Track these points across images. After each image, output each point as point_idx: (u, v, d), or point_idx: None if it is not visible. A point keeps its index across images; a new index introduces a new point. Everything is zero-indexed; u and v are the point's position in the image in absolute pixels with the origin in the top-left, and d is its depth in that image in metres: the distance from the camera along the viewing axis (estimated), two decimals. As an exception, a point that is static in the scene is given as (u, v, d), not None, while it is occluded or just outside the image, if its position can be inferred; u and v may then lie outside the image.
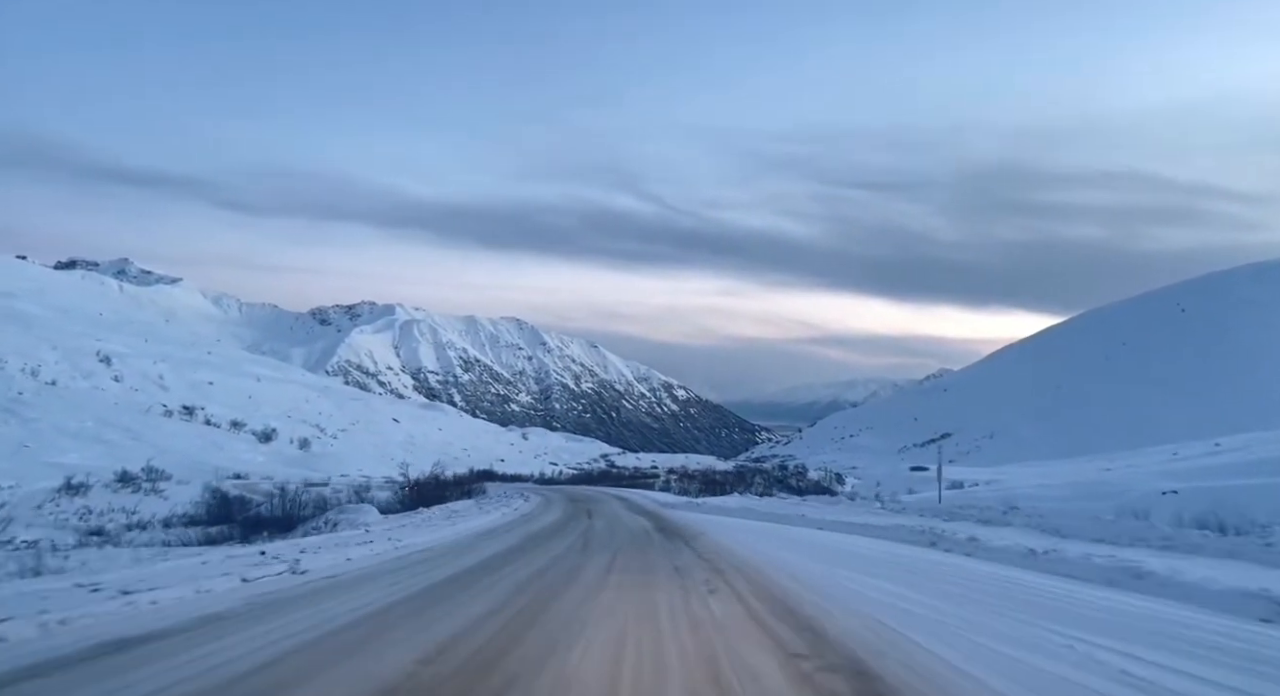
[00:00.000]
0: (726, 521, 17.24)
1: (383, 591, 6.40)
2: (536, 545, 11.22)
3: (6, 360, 40.09)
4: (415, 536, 11.50)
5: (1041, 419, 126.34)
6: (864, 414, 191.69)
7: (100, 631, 4.42)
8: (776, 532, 14.01)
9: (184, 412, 45.71)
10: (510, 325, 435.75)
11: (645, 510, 21.43)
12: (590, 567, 8.43)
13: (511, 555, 9.75)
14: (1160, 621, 5.18)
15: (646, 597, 6.36)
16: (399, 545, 10.15)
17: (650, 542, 11.96)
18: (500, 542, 11.46)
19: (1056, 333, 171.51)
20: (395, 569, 8.03)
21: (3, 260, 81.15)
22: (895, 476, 61.11)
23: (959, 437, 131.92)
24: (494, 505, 21.20)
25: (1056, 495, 17.96)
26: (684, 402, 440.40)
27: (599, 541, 11.91)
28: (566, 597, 6.35)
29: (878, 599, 6.21)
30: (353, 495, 22.09)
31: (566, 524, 15.81)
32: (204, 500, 20.81)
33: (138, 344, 57.04)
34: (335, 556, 8.38)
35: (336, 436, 55.94)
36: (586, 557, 9.42)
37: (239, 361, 69.77)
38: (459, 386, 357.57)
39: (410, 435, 67.59)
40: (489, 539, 12.15)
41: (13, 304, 52.10)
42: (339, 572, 7.51)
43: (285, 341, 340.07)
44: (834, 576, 7.86)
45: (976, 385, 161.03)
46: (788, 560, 9.20)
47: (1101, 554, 7.75)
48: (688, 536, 12.99)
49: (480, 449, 76.70)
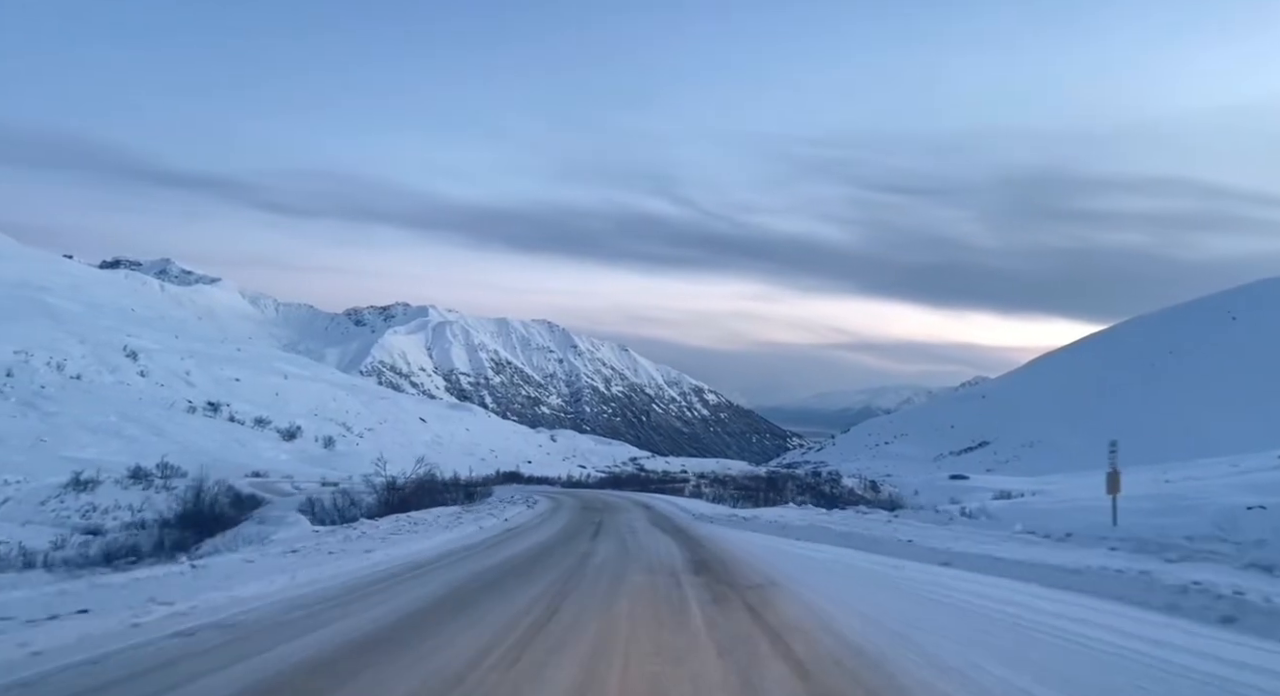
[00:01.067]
0: (798, 551, 11.79)
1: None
2: (469, 604, 6.53)
3: (32, 353, 39.97)
4: (303, 571, 7.68)
5: (1083, 428, 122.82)
6: (898, 421, 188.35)
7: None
8: (905, 581, 8.35)
9: (209, 409, 45.32)
10: (541, 327, 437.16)
11: (673, 525, 17.06)
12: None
13: (397, 633, 5.36)
14: None
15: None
16: (231, 597, 6.25)
17: (682, 601, 6.88)
18: (412, 593, 6.98)
19: (1098, 340, 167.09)
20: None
21: (42, 257, 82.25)
22: (933, 485, 58.70)
23: (997, 446, 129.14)
24: (485, 513, 17.98)
25: (1138, 508, 16.30)
26: (714, 407, 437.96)
27: (586, 594, 7.11)
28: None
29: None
30: (341, 496, 21.00)
31: (556, 549, 11.55)
32: (186, 498, 19.70)
33: (168, 340, 57.04)
34: (120, 620, 5.21)
35: (362, 435, 55.37)
36: (541, 655, 4.77)
37: (268, 358, 69.72)
38: (490, 388, 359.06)
39: (437, 435, 66.94)
40: (410, 580, 7.82)
41: (44, 298, 52.37)
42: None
43: (320, 341, 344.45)
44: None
45: (1015, 393, 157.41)
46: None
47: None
48: (746, 584, 7.90)
49: (508, 450, 75.91)
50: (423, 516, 15.67)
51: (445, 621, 5.74)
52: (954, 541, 10.89)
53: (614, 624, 5.79)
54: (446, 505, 20.96)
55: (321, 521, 15.33)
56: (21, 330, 43.22)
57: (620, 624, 5.79)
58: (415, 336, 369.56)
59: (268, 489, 27.49)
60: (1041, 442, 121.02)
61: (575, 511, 20.53)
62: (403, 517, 14.93)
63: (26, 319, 46.07)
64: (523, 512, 19.25)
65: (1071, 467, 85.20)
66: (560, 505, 23.23)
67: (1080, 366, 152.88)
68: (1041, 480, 62.83)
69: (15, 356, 38.83)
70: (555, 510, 20.78)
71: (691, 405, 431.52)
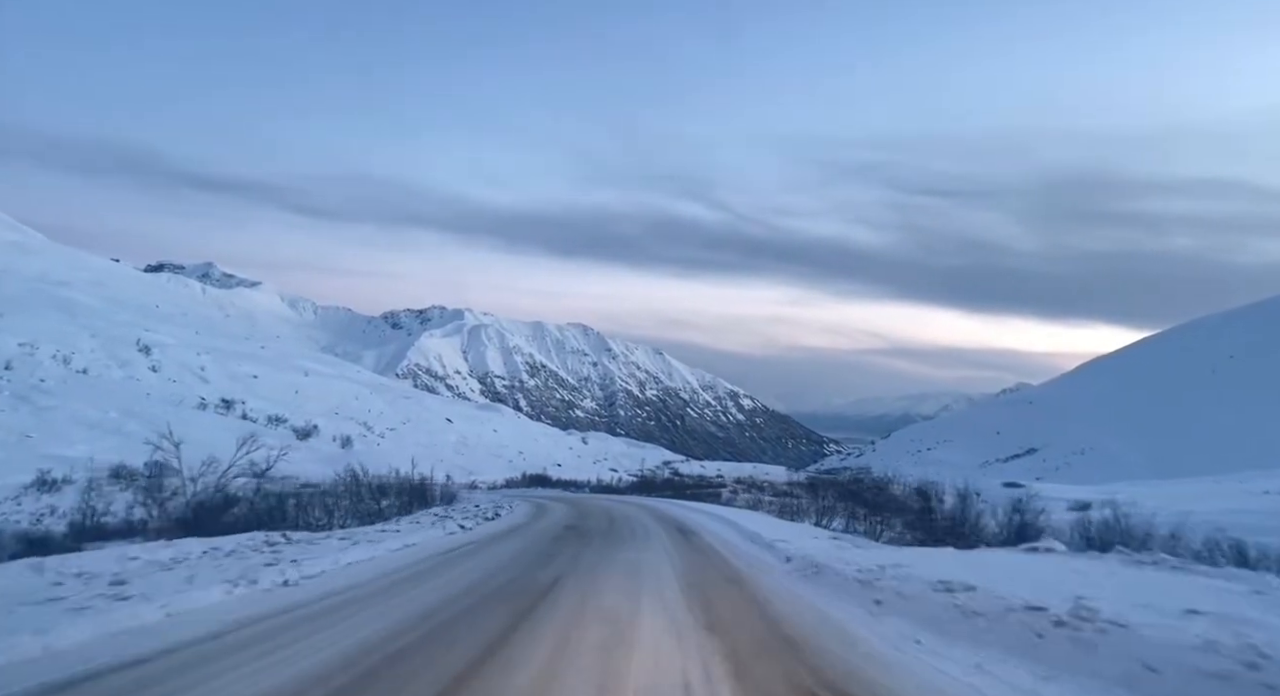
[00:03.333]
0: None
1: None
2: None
3: (38, 346, 38.46)
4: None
5: (1138, 435, 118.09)
6: (941, 426, 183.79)
7: None
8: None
9: (221, 406, 43.49)
10: (576, 331, 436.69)
11: (729, 589, 8.29)
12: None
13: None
14: None
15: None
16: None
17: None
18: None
19: (1150, 345, 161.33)
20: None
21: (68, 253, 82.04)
22: (985, 494, 54.39)
23: (1046, 453, 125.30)
24: (410, 531, 12.42)
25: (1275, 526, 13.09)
26: (750, 412, 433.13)
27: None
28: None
29: None
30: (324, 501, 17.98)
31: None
32: (135, 501, 17.14)
33: (187, 336, 55.68)
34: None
35: (384, 435, 53.26)
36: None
37: (290, 356, 68.24)
38: (525, 391, 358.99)
39: (463, 436, 64.71)
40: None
41: (63, 292, 51.30)
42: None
43: (358, 344, 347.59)
44: None
45: (1063, 399, 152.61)
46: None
47: None
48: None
49: (537, 452, 73.49)
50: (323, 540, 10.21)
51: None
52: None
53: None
54: (398, 516, 15.97)
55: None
56: (32, 322, 41.98)
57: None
58: (451, 339, 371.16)
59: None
60: (1092, 450, 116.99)
61: (546, 536, 12.84)
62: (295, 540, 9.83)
63: (39, 312, 44.91)
64: (458, 537, 12.36)
65: (1125, 475, 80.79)
66: (540, 515, 17.85)
67: (1131, 372, 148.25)
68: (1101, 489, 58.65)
69: (20, 348, 37.39)
70: (510, 532, 13.70)
71: (726, 410, 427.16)
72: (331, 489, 18.61)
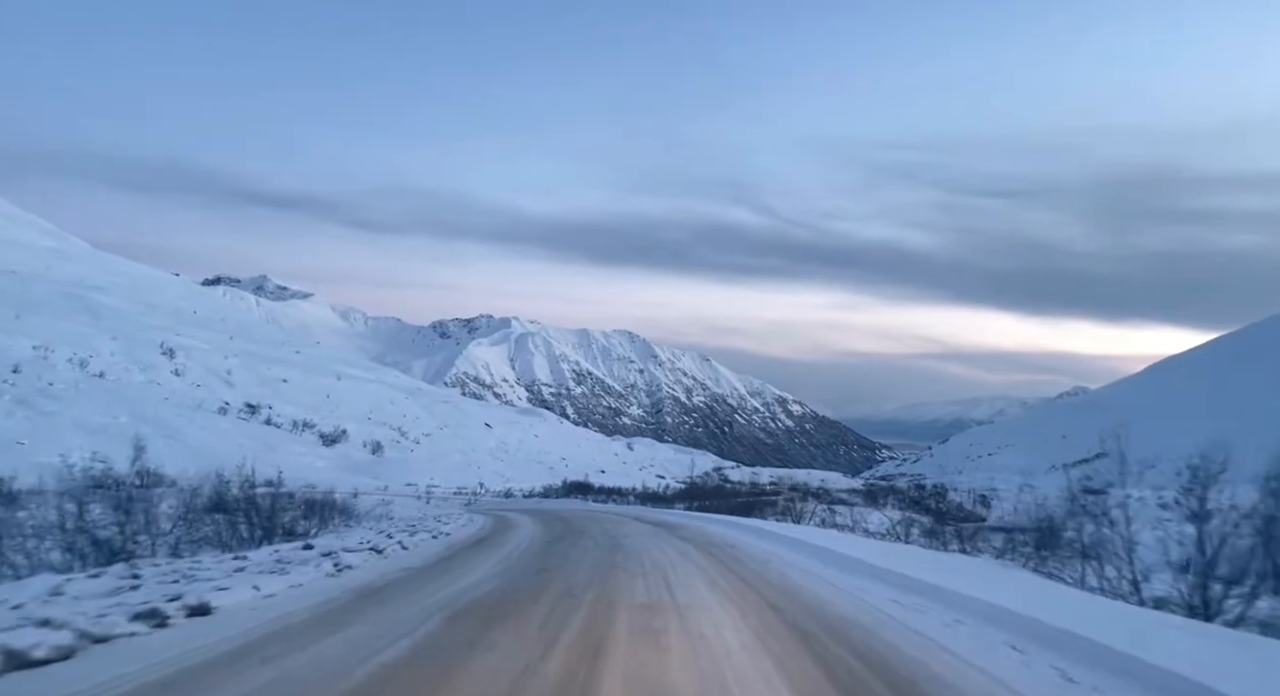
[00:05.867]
0: None
1: None
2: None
3: (54, 349, 36.89)
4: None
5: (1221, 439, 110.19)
6: (1000, 431, 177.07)
7: None
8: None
9: (245, 410, 41.52)
10: (622, 338, 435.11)
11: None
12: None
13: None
14: None
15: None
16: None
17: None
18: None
19: (1224, 344, 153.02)
20: None
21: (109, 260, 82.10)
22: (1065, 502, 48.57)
23: (1118, 458, 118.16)
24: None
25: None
26: (799, 418, 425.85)
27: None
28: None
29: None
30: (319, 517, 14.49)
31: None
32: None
33: (220, 340, 54.24)
34: None
35: (419, 441, 50.95)
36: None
37: (325, 360, 66.65)
38: (571, 399, 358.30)
39: (503, 441, 62.20)
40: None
41: (95, 296, 50.21)
42: None
43: (407, 353, 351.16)
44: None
45: (1133, 401, 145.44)
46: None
47: None
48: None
49: (579, 458, 70.64)
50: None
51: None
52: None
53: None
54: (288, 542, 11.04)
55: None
56: (52, 324, 40.64)
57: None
58: (498, 348, 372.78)
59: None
60: (1170, 454, 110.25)
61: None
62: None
63: (65, 314, 43.66)
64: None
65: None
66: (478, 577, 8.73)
67: (1206, 372, 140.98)
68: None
69: (34, 351, 35.84)
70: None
71: (775, 416, 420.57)
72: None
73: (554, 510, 27.93)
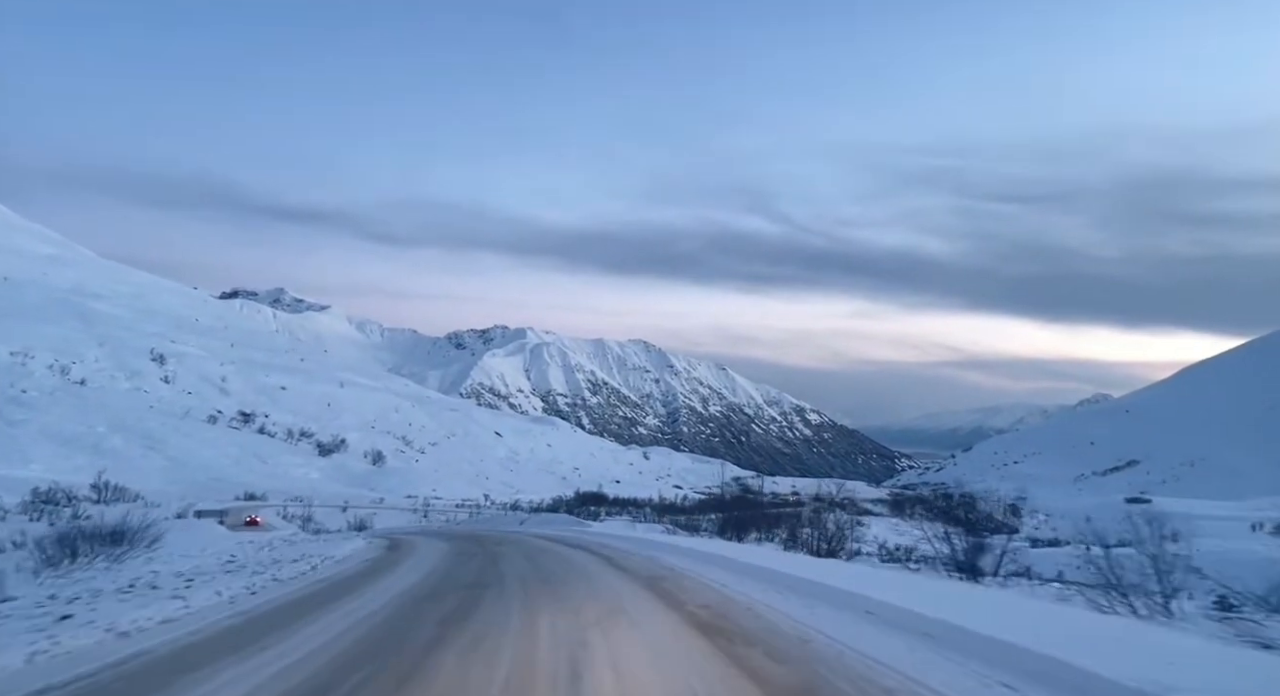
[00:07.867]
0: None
1: None
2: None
3: (33, 355, 34.92)
4: None
5: (1260, 446, 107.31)
6: (1025, 439, 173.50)
7: None
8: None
9: (238, 419, 39.34)
10: (638, 348, 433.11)
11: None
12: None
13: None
14: None
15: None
16: None
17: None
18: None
19: (1256, 348, 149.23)
20: None
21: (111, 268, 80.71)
22: (1106, 510, 45.45)
23: (1149, 465, 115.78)
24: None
25: None
26: (817, 427, 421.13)
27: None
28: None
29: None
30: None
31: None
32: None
33: (218, 347, 52.30)
34: None
35: (424, 450, 48.61)
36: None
37: (328, 367, 64.54)
38: (587, 408, 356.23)
39: (513, 451, 59.76)
40: None
41: (88, 303, 48.46)
42: None
43: (423, 364, 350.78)
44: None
45: (1161, 408, 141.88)
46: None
47: None
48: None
49: (593, 468, 68.09)
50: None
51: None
52: None
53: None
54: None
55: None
56: (35, 329, 38.84)
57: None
58: (513, 358, 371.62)
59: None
60: (1205, 461, 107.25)
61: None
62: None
63: (52, 320, 41.90)
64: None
65: (1251, 489, 71.96)
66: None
67: (1240, 377, 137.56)
68: (1249, 506, 50.25)
69: (10, 357, 33.85)
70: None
71: (793, 425, 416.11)
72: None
73: (524, 539, 18.87)
